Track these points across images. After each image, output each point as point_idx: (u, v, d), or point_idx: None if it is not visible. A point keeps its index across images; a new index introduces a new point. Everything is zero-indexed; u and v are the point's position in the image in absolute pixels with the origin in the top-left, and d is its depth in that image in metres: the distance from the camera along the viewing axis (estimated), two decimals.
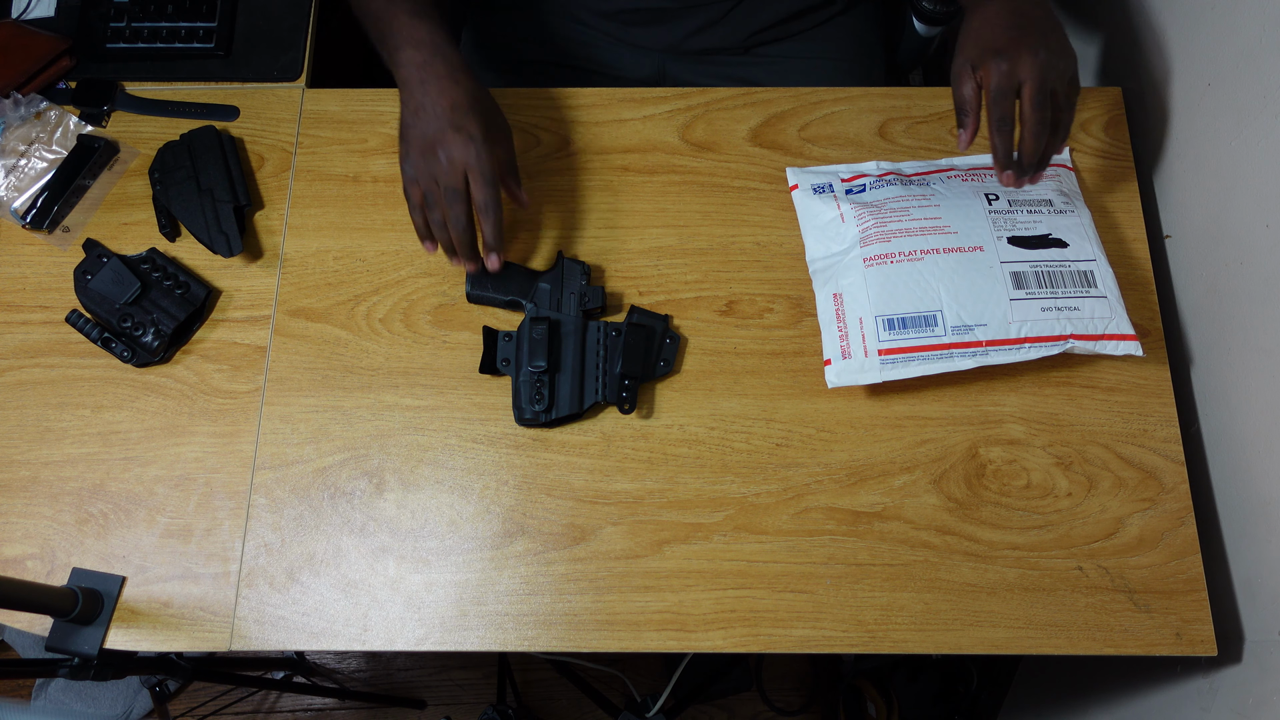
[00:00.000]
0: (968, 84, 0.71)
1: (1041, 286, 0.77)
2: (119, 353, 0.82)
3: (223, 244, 0.85)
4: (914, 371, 0.77)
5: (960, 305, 0.77)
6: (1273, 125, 0.75)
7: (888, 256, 0.79)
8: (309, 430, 0.82)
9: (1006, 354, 0.77)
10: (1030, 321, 0.77)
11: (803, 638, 0.76)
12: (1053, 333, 0.77)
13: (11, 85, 0.91)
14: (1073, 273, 0.78)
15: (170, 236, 0.88)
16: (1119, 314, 0.78)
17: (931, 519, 0.79)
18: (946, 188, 0.84)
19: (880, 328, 0.77)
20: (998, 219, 0.80)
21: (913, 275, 0.78)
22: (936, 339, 0.77)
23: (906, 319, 0.77)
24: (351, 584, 0.78)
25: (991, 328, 0.76)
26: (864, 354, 0.78)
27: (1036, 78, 0.69)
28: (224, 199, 0.86)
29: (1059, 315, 0.77)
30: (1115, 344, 0.78)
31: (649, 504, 0.80)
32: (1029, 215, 0.81)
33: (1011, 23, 0.71)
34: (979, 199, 0.82)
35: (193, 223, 0.86)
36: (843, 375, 0.79)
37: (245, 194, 0.88)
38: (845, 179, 0.87)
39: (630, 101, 0.93)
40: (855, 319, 0.79)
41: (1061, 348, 0.77)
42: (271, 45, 0.96)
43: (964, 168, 0.86)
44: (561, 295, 0.83)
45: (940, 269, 0.78)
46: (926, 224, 0.80)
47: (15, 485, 0.81)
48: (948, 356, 0.77)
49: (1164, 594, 0.77)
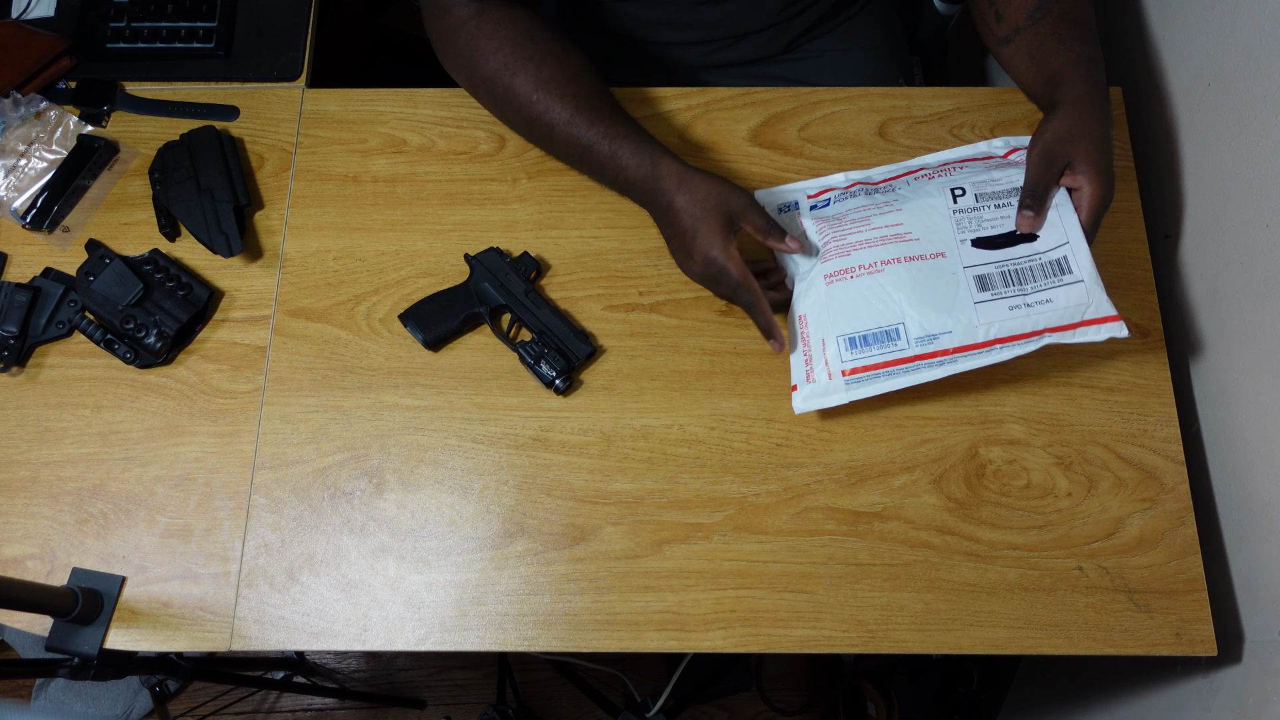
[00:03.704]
0: (1052, 171, 0.74)
1: (1008, 285, 0.73)
2: (122, 354, 0.82)
3: (223, 244, 0.85)
4: (881, 388, 0.74)
5: (922, 315, 0.73)
6: (1273, 124, 0.75)
7: (847, 271, 0.76)
8: (309, 430, 0.82)
9: (976, 358, 0.73)
10: (997, 322, 0.73)
11: (803, 638, 0.76)
12: (1023, 330, 0.73)
13: (11, 85, 0.91)
14: (1043, 264, 0.73)
15: (170, 236, 0.88)
16: (1097, 296, 0.72)
17: (931, 519, 0.79)
18: (912, 190, 0.80)
19: (842, 348, 0.75)
20: (962, 219, 0.76)
21: (873, 289, 0.75)
22: (900, 353, 0.73)
23: (869, 336, 0.74)
24: (351, 584, 0.78)
25: (957, 334, 0.73)
26: (828, 376, 0.75)
27: (1110, 197, 0.74)
28: (224, 199, 0.86)
29: (1029, 311, 0.72)
30: (1096, 329, 0.73)
31: (649, 504, 0.80)
32: (996, 210, 0.76)
33: (1104, 136, 0.75)
34: (944, 197, 0.77)
35: (193, 223, 0.86)
36: (808, 400, 0.77)
37: (245, 194, 0.88)
38: (812, 195, 0.84)
39: (630, 102, 0.93)
40: (819, 340, 0.76)
41: (1036, 344, 0.73)
42: (271, 45, 0.96)
43: (935, 164, 0.83)
44: (501, 281, 0.84)
45: (900, 279, 0.74)
46: (887, 232, 0.77)
47: (15, 485, 0.81)
48: (914, 369, 0.74)
49: (1164, 594, 0.77)
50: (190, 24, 0.96)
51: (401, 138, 0.92)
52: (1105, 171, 0.73)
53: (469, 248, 0.87)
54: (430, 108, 0.93)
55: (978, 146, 0.82)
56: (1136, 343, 0.84)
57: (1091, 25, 0.82)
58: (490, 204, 0.90)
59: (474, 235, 0.89)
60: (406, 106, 0.93)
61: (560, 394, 0.83)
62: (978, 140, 0.84)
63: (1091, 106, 0.75)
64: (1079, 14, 0.81)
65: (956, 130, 0.92)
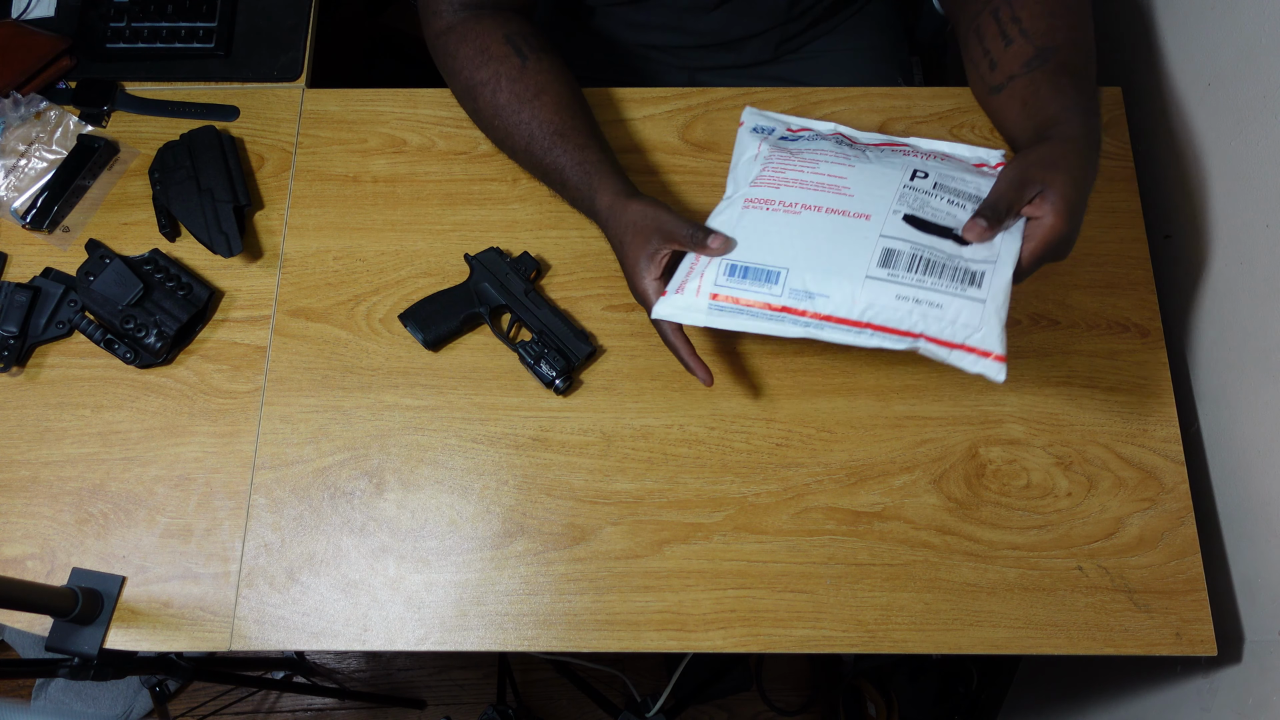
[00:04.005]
0: (1022, 193, 0.67)
1: (911, 271, 0.67)
2: (122, 354, 0.82)
3: (223, 244, 0.85)
4: (740, 325, 0.70)
5: (809, 269, 0.68)
6: (1273, 124, 0.75)
7: (767, 202, 0.72)
8: (309, 430, 0.82)
9: (843, 333, 0.68)
10: (877, 306, 0.67)
11: (803, 638, 0.76)
12: (900, 325, 0.67)
13: (11, 85, 0.91)
14: (957, 268, 0.67)
15: (170, 237, 0.88)
16: (990, 326, 0.65)
17: (931, 519, 0.79)
18: (879, 156, 0.75)
19: (721, 272, 0.70)
20: (908, 194, 0.71)
21: (780, 226, 0.71)
22: (772, 298, 0.69)
23: (749, 269, 0.70)
24: (351, 584, 0.78)
25: (834, 301, 0.68)
26: (696, 293, 0.70)
27: (1066, 249, 0.68)
28: (224, 199, 0.86)
29: (914, 309, 0.66)
30: (975, 359, 0.66)
31: (649, 504, 0.80)
32: (947, 204, 0.70)
33: (1084, 180, 0.69)
34: (903, 171, 0.73)
35: (193, 223, 0.86)
36: (669, 309, 0.72)
37: (245, 194, 0.88)
38: (793, 130, 0.81)
39: (630, 102, 0.93)
40: (708, 258, 0.72)
41: (907, 344, 0.67)
42: (271, 45, 0.96)
43: (924, 149, 0.78)
44: (501, 281, 0.84)
45: (809, 227, 0.70)
46: (826, 180, 0.72)
47: (15, 485, 0.81)
48: (779, 319, 0.69)
49: (1164, 594, 0.77)
50: (190, 24, 0.96)
51: (401, 138, 0.92)
52: (1073, 212, 0.66)
53: (469, 248, 0.87)
54: (430, 108, 0.93)
55: (976, 150, 0.80)
56: (1136, 342, 0.84)
57: (1091, 77, 0.78)
58: (490, 204, 0.90)
59: (474, 235, 0.89)
60: (406, 106, 0.93)
61: (560, 394, 0.83)
62: (980, 145, 0.82)
63: (1081, 148, 0.69)
64: (1079, 65, 0.77)
65: (956, 130, 0.92)
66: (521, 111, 0.81)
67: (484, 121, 0.85)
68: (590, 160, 0.79)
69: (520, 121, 0.81)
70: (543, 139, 0.80)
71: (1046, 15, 0.78)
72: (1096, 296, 0.86)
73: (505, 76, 0.81)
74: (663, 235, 0.73)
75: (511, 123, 0.81)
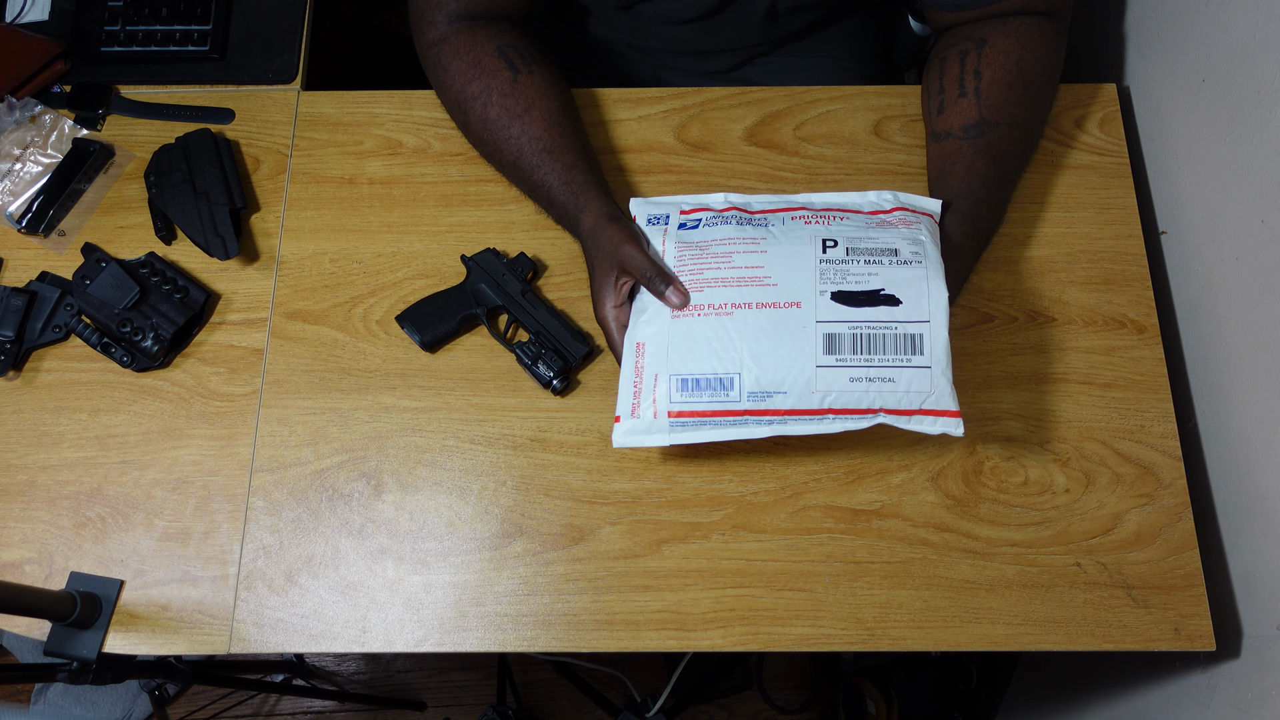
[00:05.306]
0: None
1: (856, 352, 0.69)
2: (118, 358, 0.82)
3: (219, 247, 0.85)
4: (704, 437, 0.71)
5: (761, 369, 0.70)
6: (1267, 120, 0.75)
7: (696, 309, 0.72)
8: (306, 432, 0.82)
9: (808, 424, 0.71)
10: (835, 392, 0.69)
11: (802, 636, 0.76)
12: (859, 405, 0.70)
13: (6, 89, 0.91)
14: (897, 336, 0.69)
15: (166, 240, 0.88)
16: (941, 388, 0.69)
17: (930, 516, 0.79)
18: (784, 231, 0.75)
19: (674, 388, 0.71)
20: (827, 269, 0.72)
21: (718, 331, 0.71)
22: (731, 404, 0.70)
23: (701, 380, 0.71)
24: (350, 586, 0.78)
25: (792, 396, 0.70)
26: (653, 415, 0.71)
27: None
28: (220, 202, 0.86)
29: (869, 387, 0.69)
30: (932, 420, 0.69)
31: (647, 503, 0.80)
32: (865, 266, 0.72)
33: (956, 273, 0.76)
34: (813, 245, 0.73)
35: (189, 226, 0.86)
36: (628, 436, 0.72)
37: (241, 197, 0.88)
38: (685, 210, 0.79)
39: (625, 102, 0.93)
40: (652, 375, 0.72)
41: (870, 421, 0.70)
42: (266, 48, 0.96)
43: (819, 206, 0.78)
44: (498, 282, 0.84)
45: (748, 326, 0.71)
46: (746, 274, 0.73)
47: (13, 489, 0.81)
48: (742, 423, 0.71)
49: (1162, 589, 0.77)
50: (185, 27, 0.96)
51: (397, 139, 0.92)
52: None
53: (465, 249, 0.87)
54: (426, 109, 0.93)
55: (867, 196, 0.79)
56: (1133, 338, 0.84)
57: (1019, 158, 0.84)
58: (486, 205, 0.90)
59: (470, 236, 0.89)
60: (402, 108, 0.93)
61: (558, 394, 0.83)
62: (870, 189, 0.82)
63: (956, 250, 0.76)
64: (1009, 148, 0.81)
65: None
66: (511, 126, 0.81)
67: (473, 135, 0.85)
68: (577, 181, 0.80)
69: (509, 137, 0.81)
70: (531, 155, 0.80)
71: (1003, 86, 0.81)
72: (1093, 293, 0.86)
73: (496, 90, 0.81)
74: (623, 268, 0.74)
75: (500, 137, 0.82)
